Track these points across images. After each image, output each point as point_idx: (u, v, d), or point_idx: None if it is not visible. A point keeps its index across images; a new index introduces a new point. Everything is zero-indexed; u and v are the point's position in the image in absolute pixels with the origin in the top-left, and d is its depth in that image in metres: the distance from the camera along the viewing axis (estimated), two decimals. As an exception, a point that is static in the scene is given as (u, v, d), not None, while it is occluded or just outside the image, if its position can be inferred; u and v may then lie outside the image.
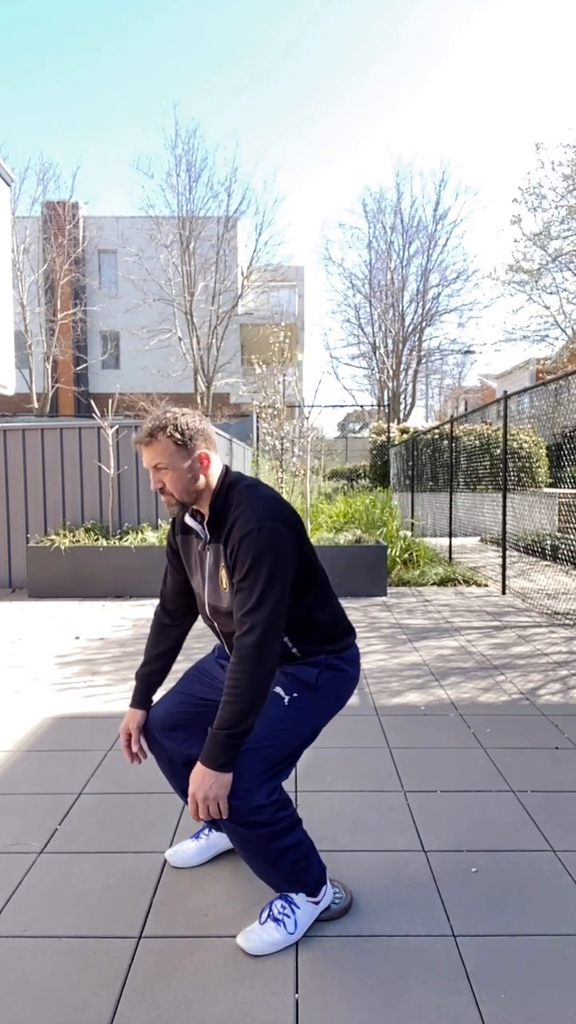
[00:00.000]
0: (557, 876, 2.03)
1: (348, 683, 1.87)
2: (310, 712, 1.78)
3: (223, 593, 1.75)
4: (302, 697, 1.76)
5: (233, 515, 1.71)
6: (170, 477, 1.73)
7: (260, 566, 1.62)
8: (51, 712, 3.46)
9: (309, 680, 1.77)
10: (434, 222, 25.50)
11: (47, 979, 1.64)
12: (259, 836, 1.66)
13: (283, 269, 24.09)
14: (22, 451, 7.30)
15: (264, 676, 1.62)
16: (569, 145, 14.40)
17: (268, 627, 1.61)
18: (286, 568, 1.66)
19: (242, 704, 1.59)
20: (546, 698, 3.62)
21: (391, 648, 4.69)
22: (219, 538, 1.74)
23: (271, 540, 1.64)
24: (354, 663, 1.89)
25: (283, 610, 1.66)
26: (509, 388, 14.09)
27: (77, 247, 23.71)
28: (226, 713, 1.60)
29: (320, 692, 1.79)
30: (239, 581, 1.65)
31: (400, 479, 13.51)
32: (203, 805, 1.59)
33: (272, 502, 1.73)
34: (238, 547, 1.65)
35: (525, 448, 12.97)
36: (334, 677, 1.82)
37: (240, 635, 1.63)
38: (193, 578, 1.90)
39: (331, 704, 1.83)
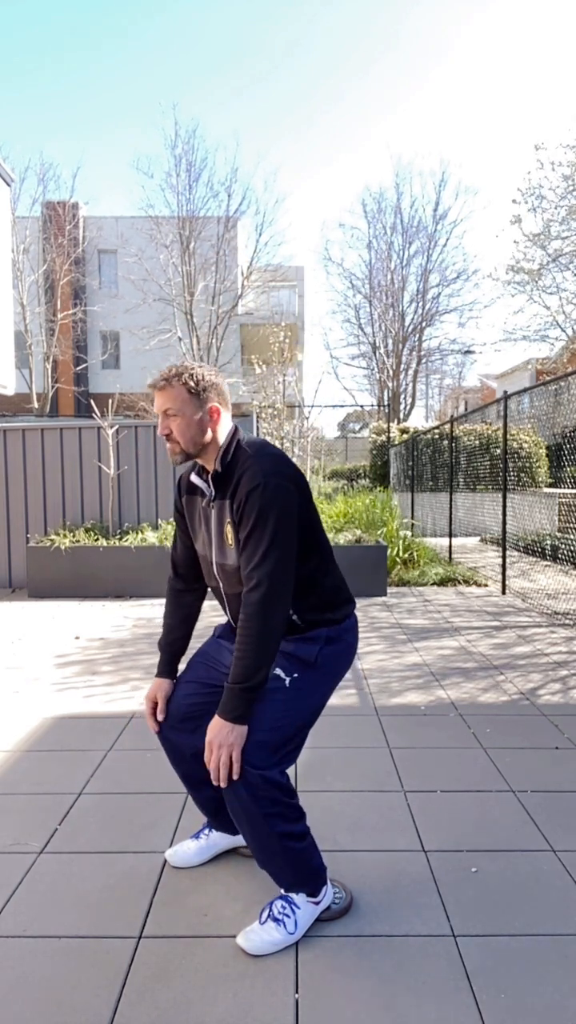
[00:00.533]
0: (557, 876, 2.03)
1: (347, 655, 1.86)
2: (312, 690, 1.77)
3: (228, 549, 1.75)
4: (303, 676, 1.75)
5: (240, 470, 1.71)
6: (178, 424, 1.73)
7: (267, 520, 1.63)
8: (51, 712, 3.46)
9: (308, 658, 1.76)
10: (434, 222, 25.52)
11: (47, 979, 1.64)
12: (267, 816, 1.67)
13: (283, 269, 24.09)
14: (22, 451, 7.30)
15: (273, 629, 1.64)
16: (569, 146, 14.40)
17: (275, 581, 1.63)
18: (293, 524, 1.68)
19: (253, 658, 1.62)
20: (546, 698, 3.62)
21: (391, 648, 4.69)
22: (225, 494, 1.75)
23: (278, 495, 1.65)
24: (352, 632, 1.88)
25: (290, 565, 1.67)
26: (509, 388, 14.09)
27: (77, 247, 23.71)
28: (238, 668, 1.63)
29: (320, 669, 1.78)
30: (246, 536, 1.66)
31: (400, 479, 13.52)
32: (217, 752, 1.62)
33: (279, 459, 1.74)
34: (245, 501, 1.66)
35: (525, 448, 12.97)
36: (333, 652, 1.81)
37: (248, 590, 1.64)
38: (197, 539, 1.90)
39: (331, 679, 1.83)
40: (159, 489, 7.35)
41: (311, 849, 1.79)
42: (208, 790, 2.00)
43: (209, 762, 1.64)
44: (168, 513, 7.32)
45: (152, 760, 2.85)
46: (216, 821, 2.08)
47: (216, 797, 2.01)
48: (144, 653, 4.60)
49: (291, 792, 1.74)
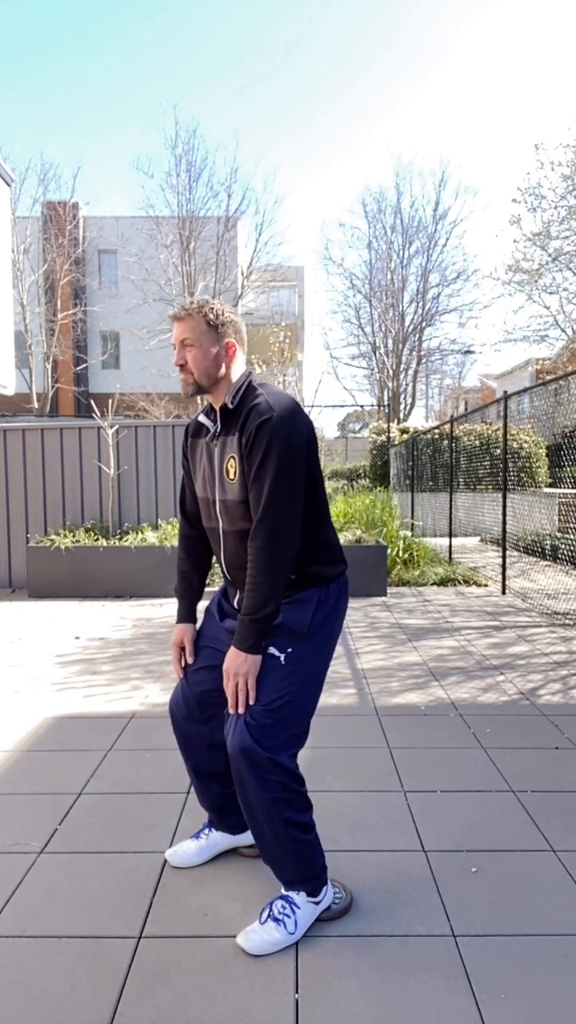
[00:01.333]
0: (557, 876, 2.03)
1: (337, 618, 1.85)
2: (309, 662, 1.77)
3: (229, 484, 1.76)
4: (297, 650, 1.74)
5: (250, 404, 1.73)
6: (194, 355, 1.76)
7: (277, 452, 1.65)
8: (51, 712, 3.46)
9: (301, 629, 1.75)
10: (434, 222, 25.51)
11: (47, 979, 1.64)
12: (275, 801, 1.68)
13: (283, 269, 24.08)
14: (22, 451, 7.30)
15: (283, 560, 1.66)
16: (569, 145, 14.41)
17: (285, 512, 1.65)
18: (302, 460, 1.70)
19: (262, 590, 1.65)
20: (546, 698, 3.62)
21: (391, 648, 4.69)
22: (232, 430, 1.76)
23: (289, 431, 1.68)
24: (343, 594, 1.87)
25: (299, 499, 1.69)
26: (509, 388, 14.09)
27: (77, 247, 23.71)
28: (249, 600, 1.67)
29: (313, 638, 1.78)
30: (256, 468, 1.67)
31: (400, 479, 13.51)
32: (233, 680, 1.67)
33: (291, 400, 1.76)
34: (255, 433, 1.67)
35: (525, 448, 12.97)
36: (324, 617, 1.80)
37: (258, 521, 1.66)
38: (196, 480, 1.91)
39: (326, 646, 1.83)
40: (159, 489, 7.35)
41: (315, 844, 1.80)
42: (215, 785, 2.01)
43: (227, 689, 1.69)
44: (168, 513, 7.32)
45: (152, 760, 2.85)
46: (219, 818, 2.08)
47: (222, 793, 2.01)
48: (144, 653, 4.60)
49: (300, 779, 1.75)
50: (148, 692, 3.78)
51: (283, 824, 1.71)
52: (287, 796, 1.70)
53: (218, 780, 2.00)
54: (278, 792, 1.69)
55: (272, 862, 1.79)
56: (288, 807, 1.71)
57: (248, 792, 1.70)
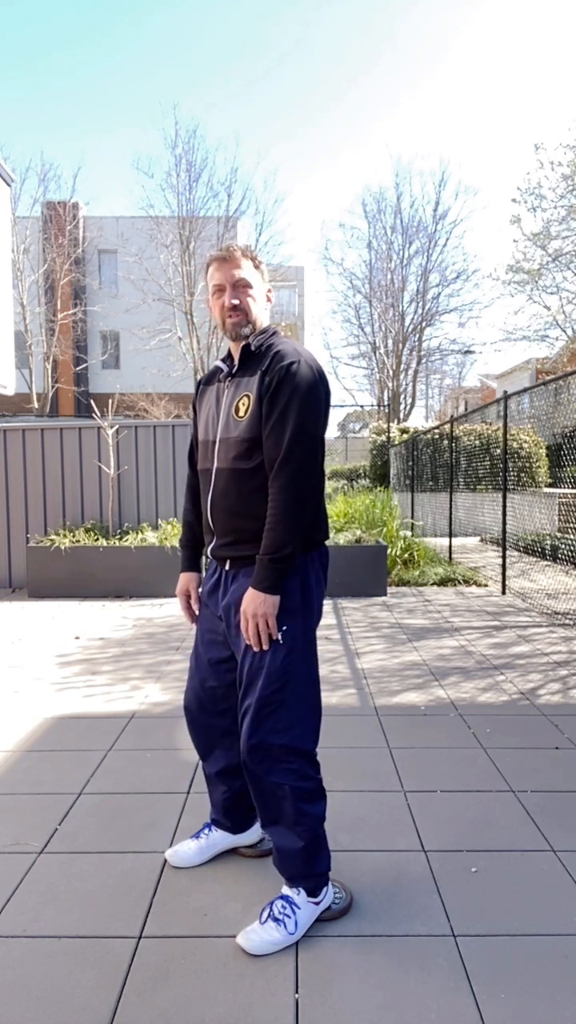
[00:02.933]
0: (557, 876, 2.03)
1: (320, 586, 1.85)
2: (303, 632, 1.78)
3: (235, 422, 1.76)
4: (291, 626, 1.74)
5: (275, 349, 1.75)
6: (249, 295, 1.80)
7: (301, 397, 1.67)
8: (51, 712, 3.46)
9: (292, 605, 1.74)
10: (434, 222, 25.48)
11: (47, 979, 1.64)
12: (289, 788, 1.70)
13: (283, 269, 24.06)
14: (22, 451, 7.30)
15: (304, 500, 1.67)
16: (568, 145, 14.41)
17: (307, 454, 1.66)
18: (323, 407, 1.72)
19: (282, 531, 1.65)
20: (546, 698, 3.62)
21: (391, 648, 4.69)
22: (251, 370, 1.77)
23: (312, 378, 1.70)
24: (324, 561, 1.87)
25: (320, 446, 1.71)
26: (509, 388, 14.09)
27: (77, 247, 23.71)
28: (268, 540, 1.67)
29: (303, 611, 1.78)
30: (280, 411, 1.68)
31: (400, 479, 13.51)
32: (253, 621, 1.68)
33: (313, 356, 1.78)
34: (281, 376, 1.69)
35: (525, 448, 12.97)
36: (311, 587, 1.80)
37: (280, 463, 1.66)
38: (200, 424, 1.92)
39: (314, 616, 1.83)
40: (159, 489, 7.35)
41: (323, 838, 1.81)
42: (229, 780, 2.01)
43: (247, 631, 1.70)
44: (168, 513, 7.32)
45: (152, 760, 2.85)
46: (225, 816, 2.09)
47: (234, 790, 2.02)
48: (144, 653, 4.60)
49: (316, 764, 1.77)
50: (148, 692, 3.78)
51: (295, 814, 1.72)
52: (302, 785, 1.72)
53: (234, 776, 2.00)
54: (293, 780, 1.70)
55: (280, 855, 1.80)
56: (302, 797, 1.72)
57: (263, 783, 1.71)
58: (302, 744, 1.73)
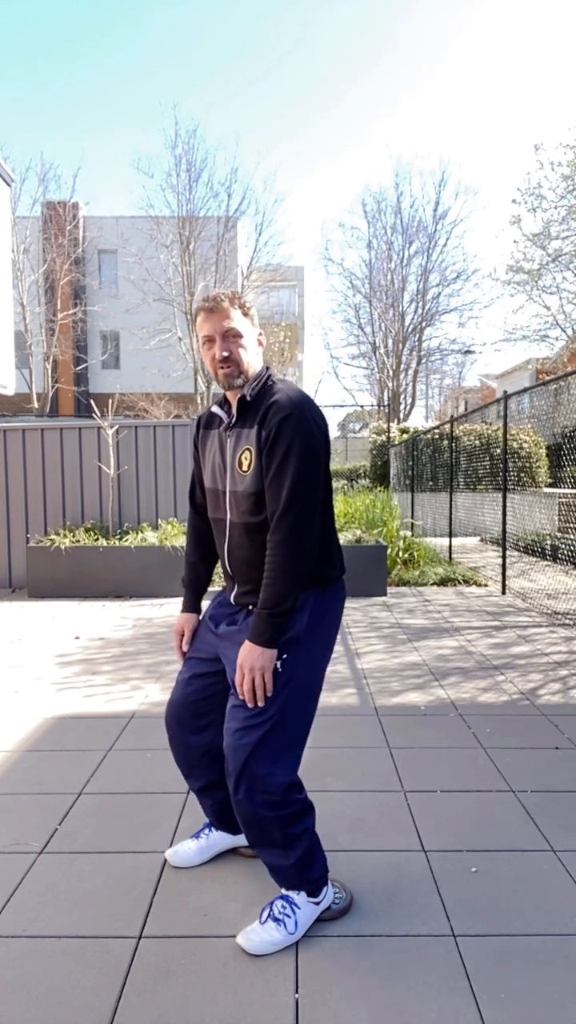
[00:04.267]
0: (557, 876, 2.03)
1: (335, 621, 1.84)
2: (305, 666, 1.75)
3: (240, 476, 1.75)
4: (293, 656, 1.72)
5: (270, 399, 1.73)
6: (239, 345, 1.76)
7: (299, 448, 1.65)
8: (51, 712, 3.46)
9: (297, 635, 1.73)
10: (434, 222, 25.48)
11: (47, 979, 1.64)
12: (271, 819, 1.68)
13: (283, 269, 24.06)
14: (22, 451, 7.30)
15: (302, 555, 1.65)
16: (568, 145, 14.41)
17: (305, 507, 1.65)
18: (321, 456, 1.71)
19: (280, 585, 1.64)
20: (546, 698, 3.62)
21: (391, 648, 4.69)
22: (249, 422, 1.76)
23: (309, 428, 1.68)
24: (339, 598, 1.86)
25: (318, 494, 1.69)
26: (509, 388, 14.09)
27: (77, 247, 23.70)
28: (267, 594, 1.65)
29: (308, 643, 1.75)
30: (277, 464, 1.66)
31: (400, 479, 13.51)
32: (249, 675, 1.65)
33: (310, 399, 1.77)
34: (277, 429, 1.67)
35: (525, 448, 12.97)
36: (320, 619, 1.78)
37: (278, 517, 1.65)
38: (205, 471, 1.91)
39: (323, 649, 1.81)
40: (159, 489, 7.35)
41: (316, 848, 1.80)
42: (217, 793, 2.00)
43: (242, 685, 1.67)
44: (168, 513, 7.32)
45: (152, 760, 2.85)
46: (222, 824, 2.08)
47: (222, 800, 2.01)
48: (144, 653, 4.60)
49: (299, 787, 1.74)
50: (148, 692, 3.78)
51: (289, 838, 1.71)
52: (288, 812, 1.69)
53: (219, 788, 1.99)
54: (278, 810, 1.68)
55: (273, 871, 1.79)
56: (291, 824, 1.70)
57: (245, 812, 1.70)
58: (285, 776, 1.69)
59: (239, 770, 1.67)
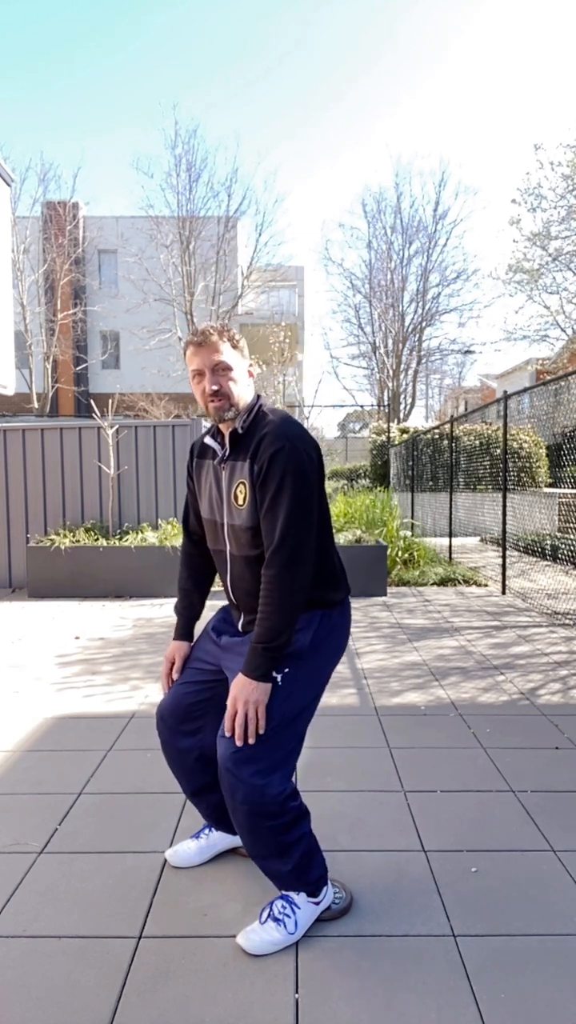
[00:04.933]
0: (557, 876, 2.03)
1: (340, 640, 1.84)
2: (305, 681, 1.76)
3: (237, 510, 1.75)
4: (295, 670, 1.73)
5: (261, 432, 1.72)
6: (229, 378, 1.75)
7: (292, 481, 1.64)
8: (51, 712, 3.46)
9: (300, 649, 1.74)
10: (434, 222, 25.48)
11: (47, 979, 1.64)
12: (268, 828, 1.67)
13: (283, 269, 24.07)
14: (22, 451, 7.30)
15: (297, 589, 1.64)
16: (568, 145, 14.42)
17: (300, 541, 1.64)
18: (314, 488, 1.70)
19: (276, 620, 1.63)
20: (546, 698, 3.62)
21: (391, 648, 4.69)
22: (242, 455, 1.75)
23: (301, 460, 1.67)
24: (346, 616, 1.86)
25: (312, 528, 1.68)
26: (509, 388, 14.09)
27: (77, 247, 23.70)
28: (262, 628, 1.65)
29: (311, 659, 1.76)
30: (270, 498, 1.66)
31: (400, 479, 13.51)
32: (243, 708, 1.64)
33: (302, 428, 1.76)
34: (268, 463, 1.66)
35: (525, 448, 12.97)
36: (325, 639, 1.79)
37: (272, 552, 1.65)
38: (202, 501, 1.90)
39: (325, 666, 1.81)
40: (159, 489, 7.35)
41: (314, 851, 1.79)
42: (212, 796, 2.00)
43: (235, 718, 1.65)
44: (168, 513, 7.32)
45: (152, 760, 2.85)
46: (220, 824, 2.08)
47: (218, 803, 2.01)
48: (144, 653, 4.60)
49: (295, 795, 1.73)
50: (148, 692, 3.78)
51: (285, 846, 1.70)
52: (283, 822, 1.69)
53: (214, 792, 1.98)
54: (274, 819, 1.67)
55: (271, 876, 1.79)
56: (286, 831, 1.70)
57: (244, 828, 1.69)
58: (280, 785, 1.69)
59: (234, 782, 1.65)
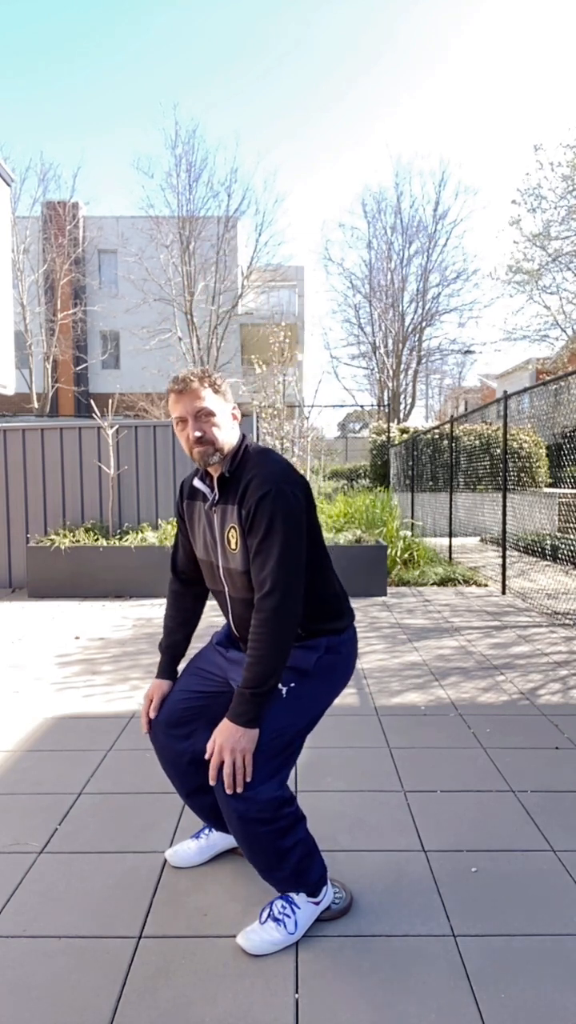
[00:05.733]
0: (557, 876, 2.03)
1: (346, 667, 1.85)
2: (309, 699, 1.77)
3: (231, 554, 1.75)
4: (299, 686, 1.74)
5: (247, 476, 1.71)
6: (212, 424, 1.74)
7: (278, 526, 1.63)
8: (51, 712, 3.46)
9: (306, 667, 1.75)
10: (434, 222, 25.51)
11: (47, 979, 1.64)
12: (265, 834, 1.67)
13: (283, 269, 24.07)
14: (22, 451, 7.30)
15: (286, 634, 1.63)
16: (568, 146, 14.42)
17: (288, 587, 1.63)
18: (302, 530, 1.69)
19: (265, 665, 1.62)
20: (546, 698, 3.62)
21: (391, 648, 4.69)
22: (230, 499, 1.74)
23: (288, 502, 1.66)
24: (352, 645, 1.87)
25: (301, 571, 1.67)
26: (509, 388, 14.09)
27: (77, 247, 23.70)
28: (250, 673, 1.63)
29: (317, 678, 1.77)
30: (258, 543, 1.65)
31: (400, 479, 13.51)
32: (229, 757, 1.61)
33: (287, 467, 1.75)
34: (255, 507, 1.66)
35: (525, 448, 12.97)
36: (331, 661, 1.80)
37: (261, 596, 1.64)
38: (196, 543, 1.90)
39: (329, 688, 1.82)
40: (159, 489, 7.35)
41: (312, 853, 1.79)
42: (206, 797, 2.00)
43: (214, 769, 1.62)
44: (168, 513, 7.32)
45: (152, 760, 2.85)
46: (218, 825, 2.08)
47: (212, 804, 2.00)
48: (144, 653, 4.60)
49: (290, 801, 1.73)
50: (148, 692, 3.77)
51: (281, 851, 1.70)
52: (278, 827, 1.68)
53: (208, 792, 1.98)
54: (270, 825, 1.67)
55: (269, 880, 1.79)
56: (282, 836, 1.69)
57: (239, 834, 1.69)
58: (276, 792, 1.68)
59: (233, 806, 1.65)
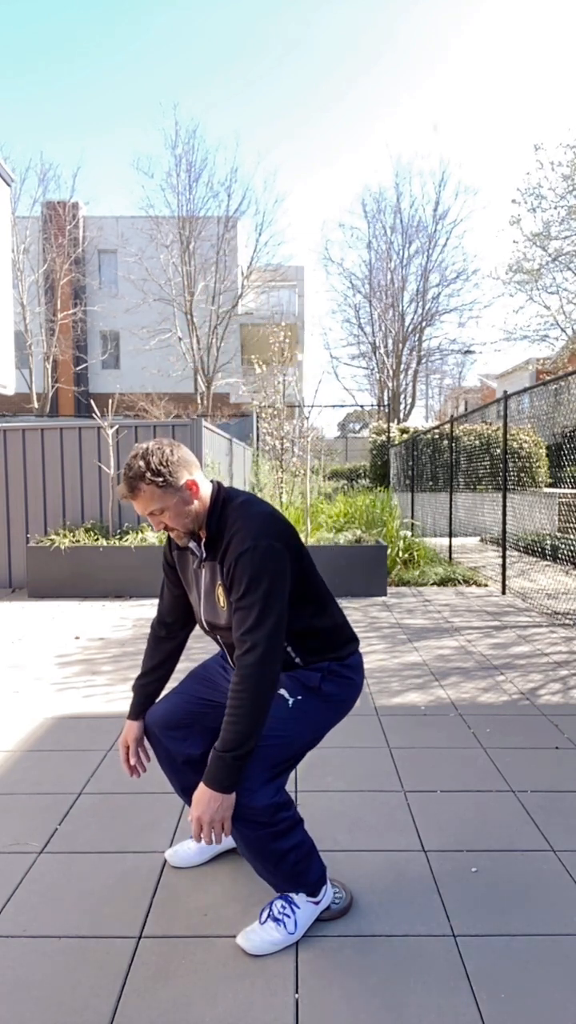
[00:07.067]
0: (557, 876, 2.03)
1: (352, 690, 1.85)
2: (314, 715, 1.77)
3: (220, 610, 1.75)
4: (306, 700, 1.75)
5: (229, 533, 1.69)
6: (169, 517, 1.70)
7: (258, 585, 1.61)
8: (51, 712, 3.46)
9: (312, 684, 1.77)
10: (434, 222, 25.49)
11: (47, 979, 1.64)
12: (261, 837, 1.66)
13: (283, 269, 24.07)
14: (22, 451, 7.30)
15: (266, 695, 1.61)
16: (568, 145, 14.41)
17: (268, 646, 1.61)
18: (284, 585, 1.65)
19: (245, 725, 1.58)
20: (546, 698, 3.62)
21: (391, 648, 4.69)
22: (215, 556, 1.73)
23: (268, 558, 1.63)
24: (357, 671, 1.87)
25: (282, 627, 1.65)
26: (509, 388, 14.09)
27: (77, 247, 23.69)
28: (229, 734, 1.59)
29: (323, 696, 1.79)
30: (237, 600, 1.63)
31: (400, 479, 13.51)
32: (207, 828, 1.58)
33: (268, 518, 1.71)
34: (235, 566, 1.64)
35: (525, 448, 12.97)
36: (337, 684, 1.81)
37: (241, 654, 1.62)
38: (191, 593, 1.90)
39: (335, 709, 1.82)
40: (159, 489, 7.34)
41: (311, 854, 1.79)
42: None
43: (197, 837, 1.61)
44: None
45: (152, 760, 2.84)
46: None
47: None
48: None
49: (287, 805, 1.72)
50: (148, 692, 3.77)
51: (278, 854, 1.70)
52: (275, 831, 1.68)
53: None
54: (264, 829, 1.66)
55: (270, 882, 1.79)
56: (279, 839, 1.69)
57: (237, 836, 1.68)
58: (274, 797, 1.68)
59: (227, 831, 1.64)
